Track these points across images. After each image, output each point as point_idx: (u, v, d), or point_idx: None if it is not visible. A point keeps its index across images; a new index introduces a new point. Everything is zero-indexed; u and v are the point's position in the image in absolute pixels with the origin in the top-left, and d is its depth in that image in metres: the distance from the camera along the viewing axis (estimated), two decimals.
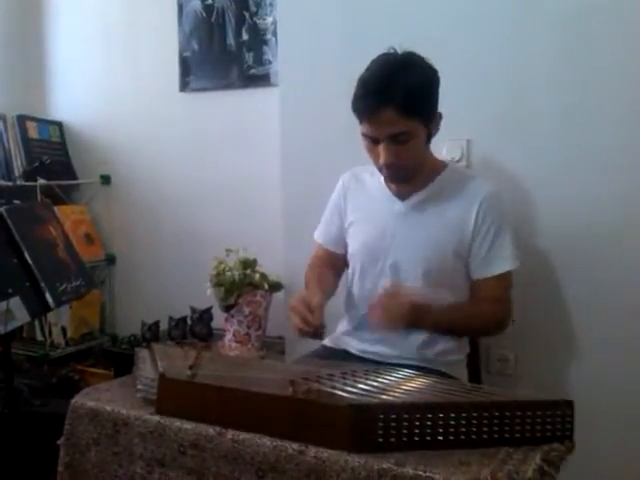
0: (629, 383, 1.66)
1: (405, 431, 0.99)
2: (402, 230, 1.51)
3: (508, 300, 1.51)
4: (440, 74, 1.43)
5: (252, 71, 2.39)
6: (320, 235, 1.69)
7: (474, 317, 1.49)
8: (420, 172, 1.49)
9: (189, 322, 2.32)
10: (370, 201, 1.58)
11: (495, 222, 1.48)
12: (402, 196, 1.53)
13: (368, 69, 1.41)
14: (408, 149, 1.40)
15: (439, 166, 1.55)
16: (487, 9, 1.74)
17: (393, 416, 0.99)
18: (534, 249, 1.70)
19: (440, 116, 1.46)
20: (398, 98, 1.34)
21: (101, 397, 1.25)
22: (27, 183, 2.55)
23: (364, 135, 1.42)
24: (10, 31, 2.79)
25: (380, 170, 1.48)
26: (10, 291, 1.65)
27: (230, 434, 1.08)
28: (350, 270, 1.61)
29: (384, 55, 1.42)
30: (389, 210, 1.54)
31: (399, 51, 1.42)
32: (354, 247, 1.59)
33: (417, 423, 0.99)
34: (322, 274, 1.62)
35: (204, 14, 2.46)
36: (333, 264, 1.66)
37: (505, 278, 1.50)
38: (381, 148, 1.40)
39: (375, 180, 1.58)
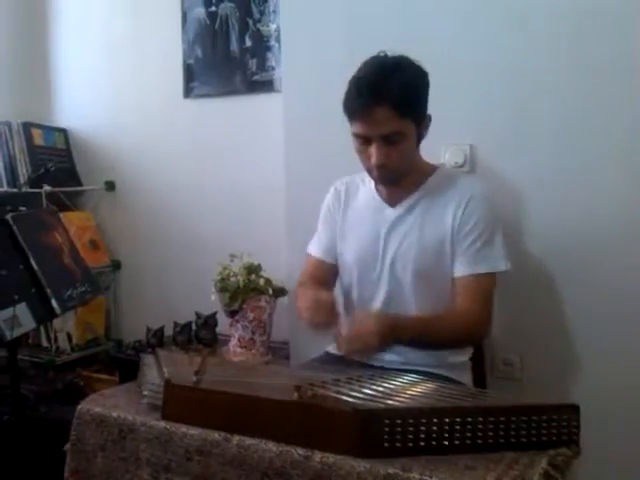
0: (635, 387, 1.65)
1: (411, 436, 0.99)
2: (394, 236, 1.51)
3: (487, 304, 1.44)
4: (444, 78, 1.44)
5: (256, 77, 2.40)
6: (313, 247, 1.68)
7: (453, 324, 1.41)
8: (409, 175, 1.49)
9: (194, 328, 2.33)
10: (361, 209, 1.58)
11: (482, 220, 1.44)
12: (392, 202, 1.53)
13: (360, 70, 1.42)
14: (399, 150, 1.41)
15: (428, 169, 1.54)
16: (491, 15, 1.74)
17: (399, 421, 0.99)
18: (538, 254, 1.70)
19: (429, 118, 1.46)
20: (393, 96, 1.35)
21: (107, 403, 1.26)
22: (32, 190, 2.55)
23: (356, 135, 1.42)
24: (15, 39, 2.80)
25: (369, 172, 1.48)
26: (16, 297, 1.66)
27: (236, 439, 1.08)
28: (346, 278, 1.60)
29: (375, 57, 1.43)
30: (380, 217, 1.54)
31: (389, 55, 1.42)
32: (348, 255, 1.58)
33: (423, 428, 0.99)
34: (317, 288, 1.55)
35: (208, 21, 2.47)
36: (324, 279, 1.61)
37: (487, 279, 1.44)
38: (373, 148, 1.40)
39: (367, 187, 1.58)
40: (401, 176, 1.48)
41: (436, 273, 1.48)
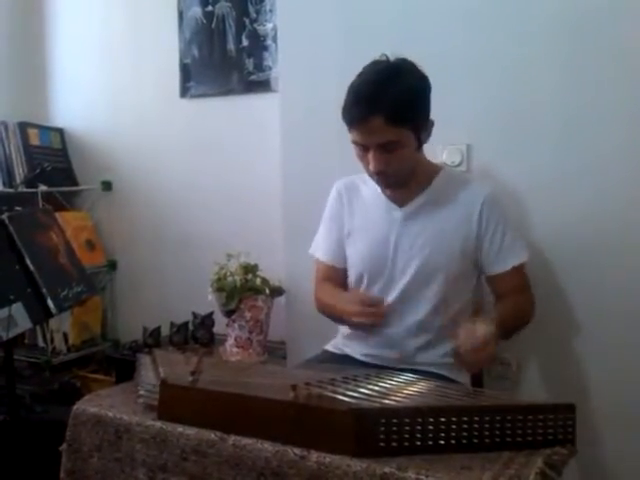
0: (630, 386, 1.65)
1: (407, 435, 0.99)
2: (405, 236, 1.51)
3: (530, 287, 1.56)
4: (441, 78, 1.43)
5: (252, 77, 2.40)
6: (321, 252, 1.65)
7: (517, 310, 1.51)
8: (414, 177, 1.49)
9: (191, 327, 2.32)
10: (367, 209, 1.58)
11: (500, 220, 1.50)
12: (399, 202, 1.53)
13: (359, 76, 1.41)
14: (398, 157, 1.40)
15: (433, 170, 1.55)
16: (488, 14, 1.74)
17: (395, 420, 0.99)
18: (535, 253, 1.70)
19: (432, 123, 1.45)
20: (386, 107, 1.34)
21: (103, 403, 1.26)
22: (28, 190, 2.54)
23: (354, 142, 1.42)
24: (12, 38, 2.80)
25: (371, 176, 1.49)
26: (12, 297, 1.65)
27: (232, 439, 1.08)
28: (354, 278, 1.60)
29: (375, 63, 1.42)
30: (388, 217, 1.54)
31: (391, 58, 1.41)
32: (356, 256, 1.58)
33: (419, 427, 0.99)
34: (339, 290, 1.61)
35: (204, 21, 2.47)
36: (338, 280, 1.63)
37: (522, 269, 1.54)
38: (370, 156, 1.40)
39: (370, 187, 1.58)
40: (403, 180, 1.48)
41: (452, 272, 1.49)
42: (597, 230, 1.67)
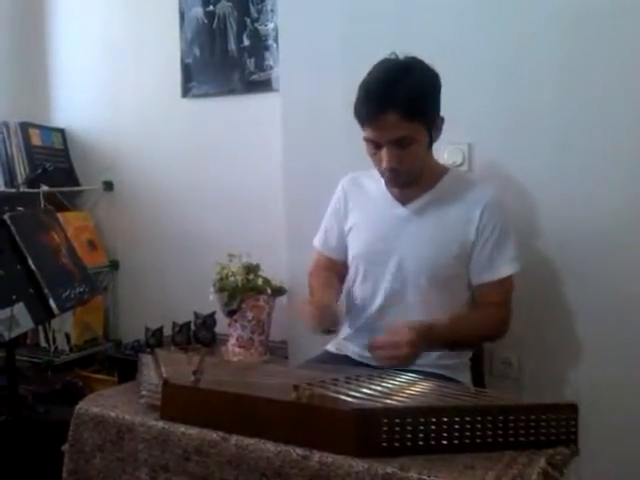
0: (633, 386, 1.65)
1: (409, 435, 0.99)
2: (404, 234, 1.52)
3: (510, 303, 1.52)
4: (442, 78, 1.44)
5: (253, 77, 2.40)
6: (320, 243, 1.69)
7: (481, 324, 1.48)
8: (422, 176, 1.50)
9: (193, 327, 2.33)
10: (371, 205, 1.58)
11: (497, 226, 1.48)
12: (403, 200, 1.53)
13: (369, 74, 1.42)
14: (410, 153, 1.41)
15: (441, 171, 1.55)
16: (490, 13, 1.74)
17: (397, 420, 0.99)
18: (536, 252, 1.70)
19: (442, 120, 1.46)
20: (400, 102, 1.35)
21: (105, 403, 1.26)
22: (30, 190, 2.55)
23: (366, 140, 1.43)
24: (13, 38, 2.80)
25: (382, 174, 1.49)
26: (14, 298, 1.66)
27: (234, 439, 1.08)
28: (351, 273, 1.61)
29: (385, 60, 1.43)
30: (391, 214, 1.54)
31: (400, 56, 1.42)
32: (356, 251, 1.59)
33: (421, 427, 0.99)
34: (326, 277, 1.63)
35: (205, 20, 2.47)
36: (335, 270, 1.66)
37: (508, 282, 1.51)
38: (383, 153, 1.41)
39: (375, 184, 1.58)
40: (413, 178, 1.48)
41: (446, 274, 1.49)
42: (598, 229, 1.66)
